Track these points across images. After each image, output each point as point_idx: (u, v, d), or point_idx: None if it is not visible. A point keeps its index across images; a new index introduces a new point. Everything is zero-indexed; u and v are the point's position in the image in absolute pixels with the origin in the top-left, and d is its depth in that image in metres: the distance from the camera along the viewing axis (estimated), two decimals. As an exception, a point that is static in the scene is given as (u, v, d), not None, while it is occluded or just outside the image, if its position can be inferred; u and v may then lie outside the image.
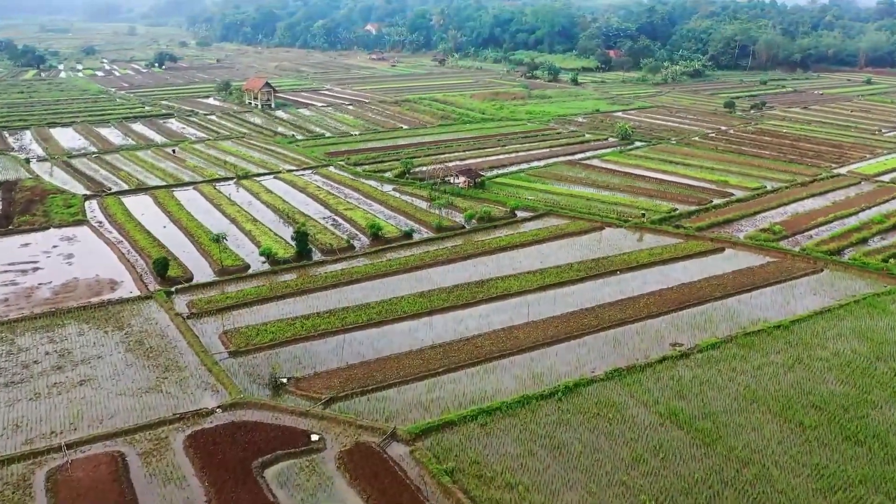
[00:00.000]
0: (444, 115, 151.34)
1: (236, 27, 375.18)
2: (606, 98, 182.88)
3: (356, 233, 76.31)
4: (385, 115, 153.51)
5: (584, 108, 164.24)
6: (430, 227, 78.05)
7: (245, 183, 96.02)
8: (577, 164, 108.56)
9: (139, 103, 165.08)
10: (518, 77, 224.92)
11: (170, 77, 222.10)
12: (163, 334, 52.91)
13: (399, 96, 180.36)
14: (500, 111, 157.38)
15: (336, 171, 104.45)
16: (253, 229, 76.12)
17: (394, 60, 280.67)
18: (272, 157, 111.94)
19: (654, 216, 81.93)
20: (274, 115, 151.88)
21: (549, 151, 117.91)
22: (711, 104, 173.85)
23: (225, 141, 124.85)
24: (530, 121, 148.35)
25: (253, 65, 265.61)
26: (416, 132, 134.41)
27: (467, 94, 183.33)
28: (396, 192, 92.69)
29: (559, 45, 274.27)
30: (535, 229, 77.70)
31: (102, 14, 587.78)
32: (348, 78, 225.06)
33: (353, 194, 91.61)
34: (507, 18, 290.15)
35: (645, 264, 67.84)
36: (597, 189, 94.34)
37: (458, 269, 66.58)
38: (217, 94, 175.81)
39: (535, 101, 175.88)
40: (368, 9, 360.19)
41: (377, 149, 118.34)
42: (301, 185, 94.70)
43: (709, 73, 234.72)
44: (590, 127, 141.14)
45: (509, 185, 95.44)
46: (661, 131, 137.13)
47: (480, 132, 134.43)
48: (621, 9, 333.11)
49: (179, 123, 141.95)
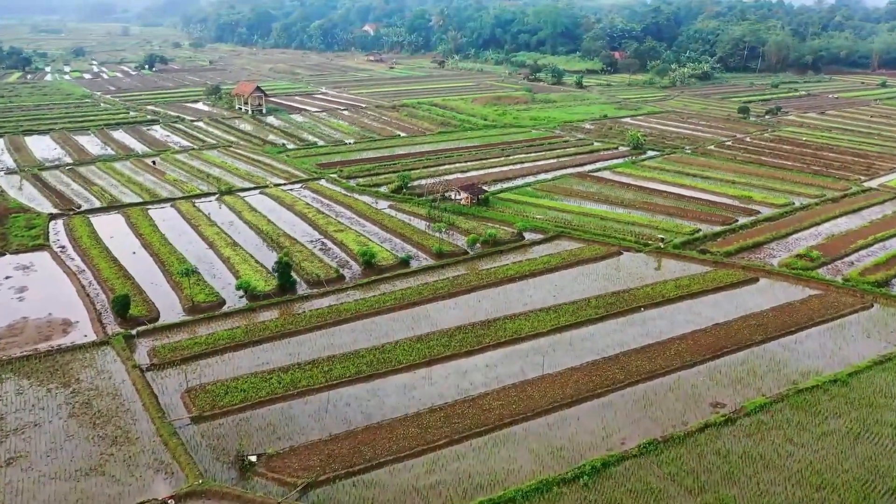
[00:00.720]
0: (444, 122, 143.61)
1: (231, 28, 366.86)
2: (613, 102, 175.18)
3: (347, 259, 68.58)
4: (382, 121, 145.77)
5: (591, 114, 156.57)
6: (429, 252, 70.35)
7: (228, 199, 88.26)
8: (587, 177, 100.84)
9: (124, 108, 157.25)
10: (520, 80, 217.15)
11: (159, 80, 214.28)
12: (116, 392, 45.16)
13: (397, 101, 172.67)
14: (503, 117, 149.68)
15: (328, 184, 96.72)
16: (232, 255, 68.38)
17: (392, 62, 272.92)
18: (259, 169, 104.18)
19: (676, 238, 74.25)
20: (264, 121, 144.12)
21: (556, 162, 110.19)
22: (724, 109, 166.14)
23: (210, 150, 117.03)
24: (535, 128, 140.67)
25: (247, 67, 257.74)
26: (415, 140, 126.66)
27: (468, 99, 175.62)
28: (392, 210, 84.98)
29: (562, 47, 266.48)
30: (546, 255, 69.93)
31: (97, 14, 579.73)
32: (344, 81, 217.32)
33: (345, 212, 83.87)
34: (509, 19, 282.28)
35: (671, 299, 60.10)
36: (610, 206, 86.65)
37: (460, 305, 58.87)
38: (206, 99, 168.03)
39: (539, 105, 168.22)
40: (366, 9, 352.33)
41: (373, 159, 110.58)
42: (289, 202, 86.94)
43: (717, 75, 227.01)
44: (598, 134, 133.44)
45: (515, 202, 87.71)
46: (673, 139, 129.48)
47: (483, 140, 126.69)
48: (625, 9, 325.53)
49: (164, 131, 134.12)
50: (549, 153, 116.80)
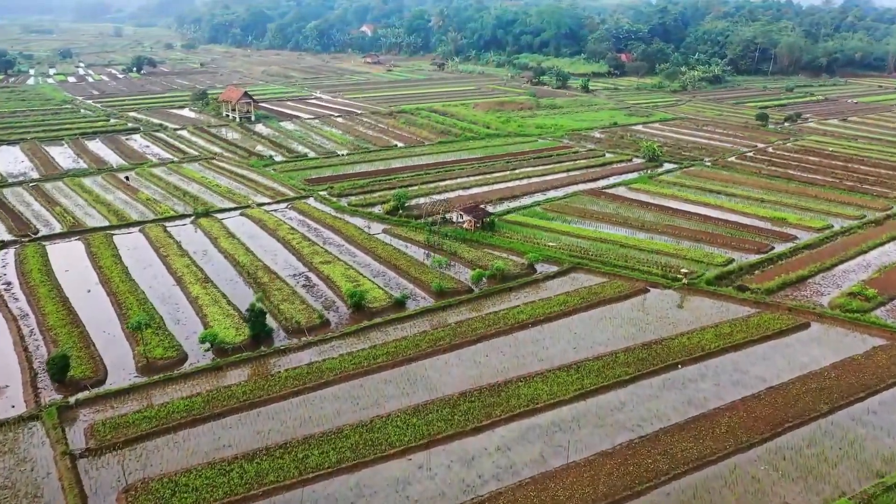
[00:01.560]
0: (444, 131, 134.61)
1: (225, 28, 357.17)
2: (622, 108, 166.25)
3: (334, 300, 59.62)
4: (378, 129, 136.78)
5: (600, 121, 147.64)
6: (428, 289, 61.43)
7: (204, 223, 79.24)
8: (601, 195, 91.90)
9: (104, 115, 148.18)
10: (524, 83, 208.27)
11: (146, 84, 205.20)
12: (36, 492, 36.23)
13: (394, 106, 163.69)
14: (507, 125, 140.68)
15: (316, 204, 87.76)
16: (201, 294, 59.43)
17: (390, 64, 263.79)
18: (242, 186, 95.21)
19: (708, 271, 65.34)
20: (253, 129, 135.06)
21: (566, 177, 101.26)
22: (740, 115, 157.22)
23: (191, 163, 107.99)
24: (541, 136, 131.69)
25: (239, 69, 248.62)
26: (413, 151, 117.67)
27: (469, 104, 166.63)
28: (387, 236, 76.01)
29: (566, 48, 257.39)
30: (562, 294, 60.93)
31: (92, 14, 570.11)
32: (340, 84, 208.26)
33: (334, 238, 74.91)
34: (511, 19, 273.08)
35: (713, 352, 51.14)
36: (630, 230, 77.73)
37: (465, 361, 49.93)
38: (192, 105, 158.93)
39: (544, 111, 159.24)
40: (364, 9, 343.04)
41: (367, 174, 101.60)
42: (272, 226, 77.93)
43: (728, 78, 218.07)
44: (609, 144, 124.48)
45: (524, 225, 78.77)
46: (690, 149, 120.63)
47: (486, 152, 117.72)
48: (629, 9, 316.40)
49: (144, 141, 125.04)
50: (558, 166, 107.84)
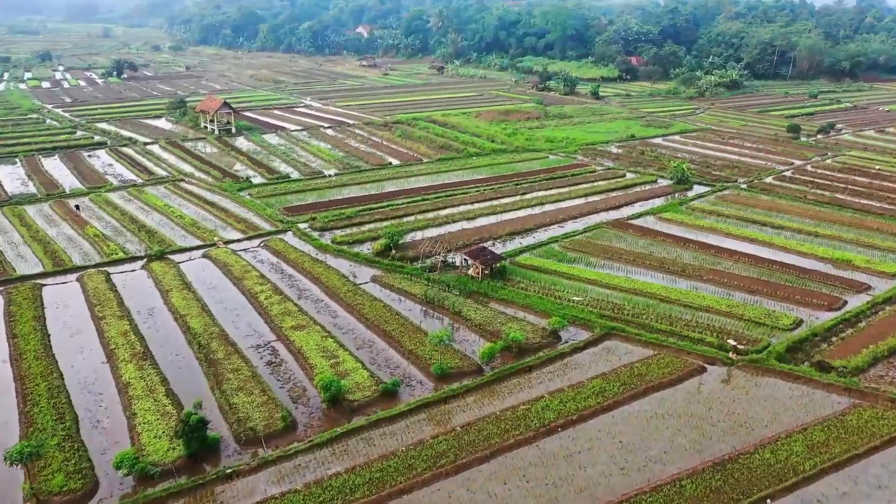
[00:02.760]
0: (444, 145, 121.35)
1: (216, 29, 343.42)
2: (637, 117, 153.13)
3: (304, 386, 46.46)
4: (371, 143, 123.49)
5: (615, 133, 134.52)
6: (426, 368, 48.33)
7: (157, 268, 66.00)
8: (628, 228, 78.73)
9: (71, 127, 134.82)
10: (529, 89, 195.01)
11: (125, 89, 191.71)
12: None
13: (390, 115, 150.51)
14: (514, 137, 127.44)
15: (295, 241, 74.52)
16: (134, 379, 46.27)
17: (386, 68, 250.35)
18: (210, 216, 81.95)
19: (774, 339, 52.29)
20: (232, 144, 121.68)
21: (585, 204, 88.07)
22: (767, 126, 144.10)
23: (156, 187, 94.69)
24: (552, 151, 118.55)
25: (227, 73, 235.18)
26: (409, 171, 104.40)
27: (471, 113, 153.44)
28: (377, 287, 62.84)
29: (572, 51, 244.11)
30: (598, 378, 47.70)
31: (83, 14, 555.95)
32: (332, 91, 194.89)
33: (311, 290, 61.77)
34: (514, 20, 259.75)
35: (809, 476, 38.05)
36: (668, 276, 64.69)
37: (476, 496, 36.76)
38: (169, 115, 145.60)
39: (553, 121, 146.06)
40: (360, 9, 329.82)
41: (356, 200, 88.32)
42: (237, 273, 64.70)
43: (746, 83, 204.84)
44: (629, 161, 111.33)
45: (541, 270, 65.67)
46: (719, 167, 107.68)
47: (491, 171, 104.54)
48: (637, 9, 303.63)
49: (108, 158, 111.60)
50: (575, 189, 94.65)
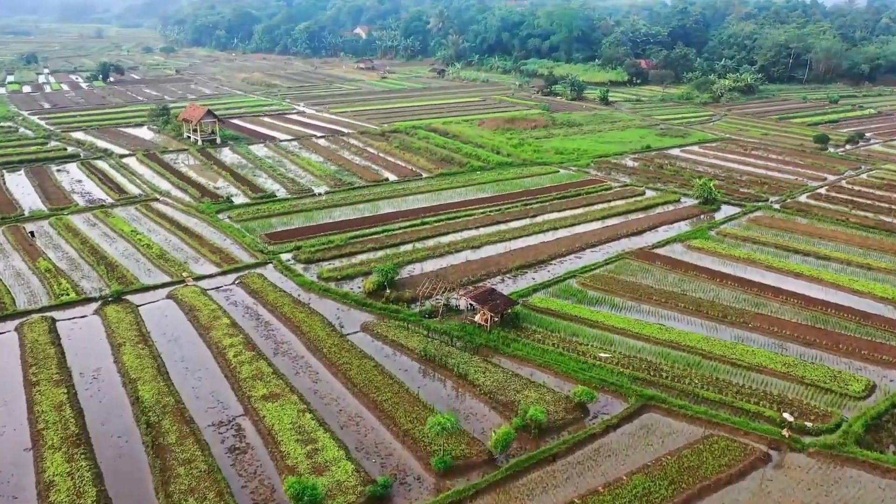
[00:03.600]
0: (445, 158, 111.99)
1: (209, 30, 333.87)
2: (650, 125, 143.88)
3: (272, 489, 37.10)
4: (366, 155, 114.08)
5: (629, 143, 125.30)
6: (425, 458, 39.09)
7: (112, 313, 56.66)
8: (655, 259, 69.48)
9: (44, 137, 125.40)
10: (534, 93, 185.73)
11: (109, 94, 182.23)
12: None
13: (387, 123, 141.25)
14: (520, 149, 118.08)
15: (275, 275, 65.23)
16: (59, 477, 36.98)
17: (384, 71, 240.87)
18: (182, 245, 72.59)
19: (849, 414, 43.13)
20: (215, 156, 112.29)
21: (603, 228, 78.77)
22: (791, 135, 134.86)
23: (126, 208, 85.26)
24: (563, 165, 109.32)
25: (218, 76, 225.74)
26: (407, 188, 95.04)
27: (474, 120, 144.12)
28: (367, 337, 53.60)
29: (578, 53, 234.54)
30: (639, 472, 38.36)
31: (78, 14, 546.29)
32: (328, 95, 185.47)
33: (290, 343, 52.51)
34: (517, 21, 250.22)
35: None
36: (707, 322, 55.64)
37: None
38: (151, 123, 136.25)
39: (561, 130, 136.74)
40: (358, 10, 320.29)
41: (347, 225, 78.96)
42: (205, 321, 55.39)
43: (761, 87, 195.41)
44: (647, 176, 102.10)
45: (559, 316, 56.49)
46: (746, 183, 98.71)
47: (497, 188, 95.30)
48: (643, 9, 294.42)
49: (79, 173, 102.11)
50: (591, 211, 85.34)
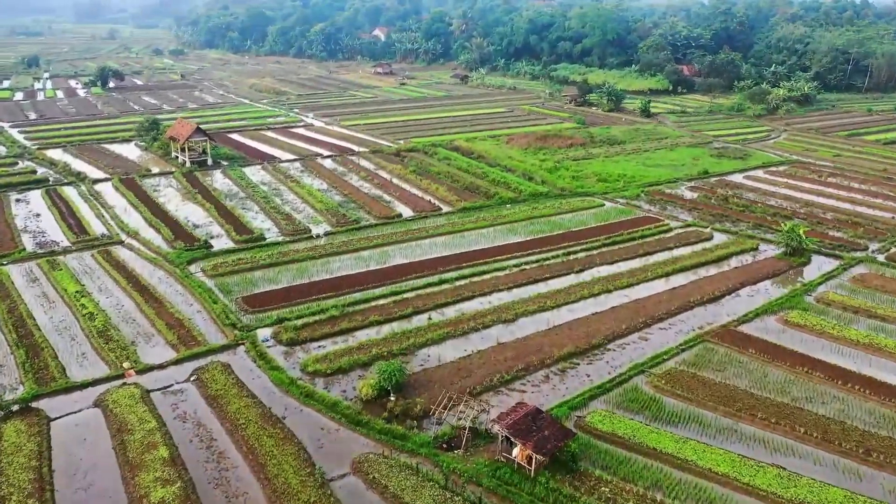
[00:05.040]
0: (468, 185, 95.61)
1: (222, 31, 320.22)
2: (702, 142, 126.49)
3: None
4: (377, 181, 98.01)
5: (681, 165, 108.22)
6: None
7: (11, 434, 41.03)
8: (746, 344, 52.73)
9: (15, 155, 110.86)
10: (566, 104, 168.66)
11: (105, 102, 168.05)
12: None
13: (403, 138, 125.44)
14: (556, 175, 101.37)
15: (245, 365, 49.35)
16: None
17: (403, 76, 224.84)
18: (137, 314, 56.91)
19: None
20: (202, 182, 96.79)
21: (669, 293, 61.93)
22: (868, 156, 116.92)
23: (81, 255, 69.77)
24: (607, 195, 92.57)
25: (225, 81, 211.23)
26: (424, 228, 78.75)
27: (502, 136, 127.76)
28: (360, 483, 37.47)
29: (612, 58, 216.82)
30: None
31: (91, 14, 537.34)
32: (340, 105, 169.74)
33: (248, 488, 36.51)
34: (546, 23, 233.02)
35: None
36: (843, 462, 38.81)
37: None
38: (139, 139, 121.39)
39: (601, 149, 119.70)
40: (377, 10, 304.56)
41: (346, 283, 62.85)
42: (134, 453, 39.53)
43: (818, 97, 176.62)
44: (710, 211, 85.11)
45: (632, 450, 40.10)
46: (832, 223, 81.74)
47: (532, 228, 78.76)
48: (681, 10, 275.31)
49: (40, 203, 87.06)
50: (649, 264, 68.51)
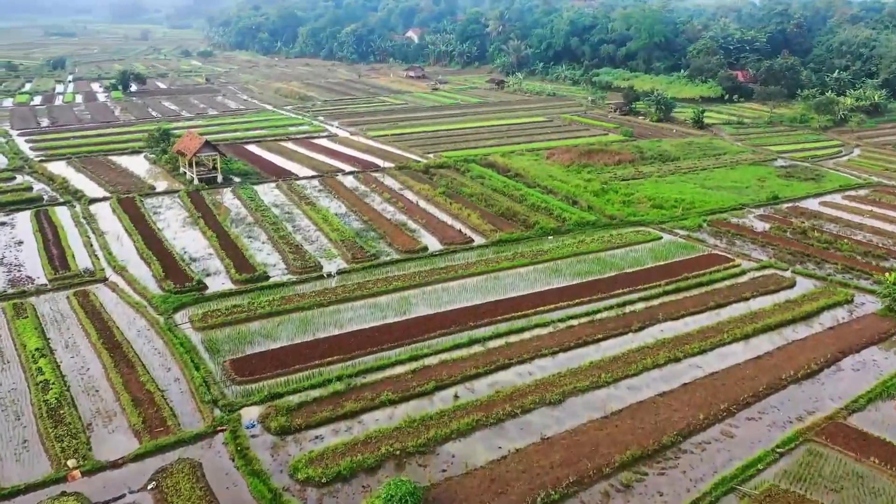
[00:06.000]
0: (504, 212, 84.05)
1: (252, 32, 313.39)
2: (766, 159, 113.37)
3: None
4: (402, 205, 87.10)
5: (744, 187, 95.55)
6: None
7: None
8: (864, 450, 40.42)
9: (14, 168, 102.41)
10: (610, 112, 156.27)
11: (124, 108, 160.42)
12: None
13: (433, 151, 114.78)
14: (604, 199, 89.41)
15: (221, 466, 38.63)
16: None
17: (436, 81, 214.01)
18: (101, 383, 46.60)
19: None
20: (208, 204, 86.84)
21: (750, 360, 49.75)
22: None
23: (55, 296, 59.85)
24: (664, 226, 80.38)
25: (250, 86, 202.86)
26: (452, 267, 67.51)
27: (542, 150, 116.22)
28: None
29: (659, 62, 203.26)
30: None
31: (128, 15, 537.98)
32: (368, 112, 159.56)
33: None
34: (588, 25, 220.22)
35: None
36: None
37: None
38: (149, 151, 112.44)
39: (652, 166, 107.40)
40: (411, 11, 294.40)
41: (357, 342, 51.91)
42: None
43: (889, 106, 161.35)
44: (787, 248, 72.35)
45: None
46: (941, 268, 67.94)
47: (579, 268, 66.99)
48: (732, 10, 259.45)
49: (26, 228, 77.77)
50: (723, 322, 56.37)
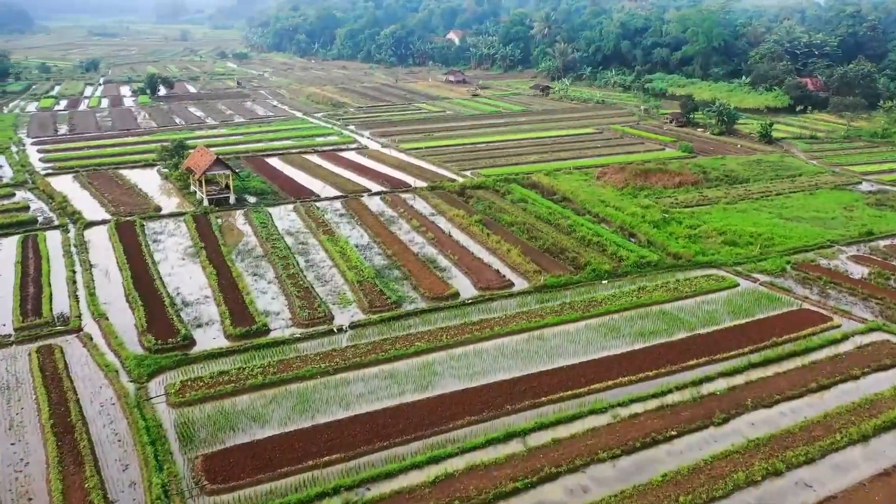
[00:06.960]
0: (550, 248, 72.46)
1: (290, 34, 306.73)
2: (848, 182, 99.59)
3: None
4: (432, 235, 76.22)
5: (829, 218, 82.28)
6: None
7: None
8: None
9: (15, 183, 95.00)
10: (666, 123, 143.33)
11: (149, 114, 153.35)
12: None
13: (471, 168, 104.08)
14: (665, 232, 77.13)
15: None
16: None
17: (476, 86, 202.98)
18: (35, 490, 37.11)
19: None
20: (215, 231, 77.41)
21: (881, 495, 37.59)
22: None
23: (16, 352, 50.79)
24: (740, 269, 67.94)
25: (282, 90, 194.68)
26: (487, 324, 56.27)
27: (591, 168, 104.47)
28: None
29: (717, 68, 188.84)
30: None
31: (171, 15, 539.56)
32: (402, 121, 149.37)
33: None
34: (640, 28, 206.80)
35: None
36: None
37: None
38: (162, 165, 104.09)
39: (718, 190, 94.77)
40: (452, 12, 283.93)
41: (363, 436, 41.32)
42: None
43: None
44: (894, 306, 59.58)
45: None
46: None
47: (639, 328, 55.24)
48: (795, 11, 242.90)
49: (9, 256, 69.13)
50: (830, 416, 44.17)
